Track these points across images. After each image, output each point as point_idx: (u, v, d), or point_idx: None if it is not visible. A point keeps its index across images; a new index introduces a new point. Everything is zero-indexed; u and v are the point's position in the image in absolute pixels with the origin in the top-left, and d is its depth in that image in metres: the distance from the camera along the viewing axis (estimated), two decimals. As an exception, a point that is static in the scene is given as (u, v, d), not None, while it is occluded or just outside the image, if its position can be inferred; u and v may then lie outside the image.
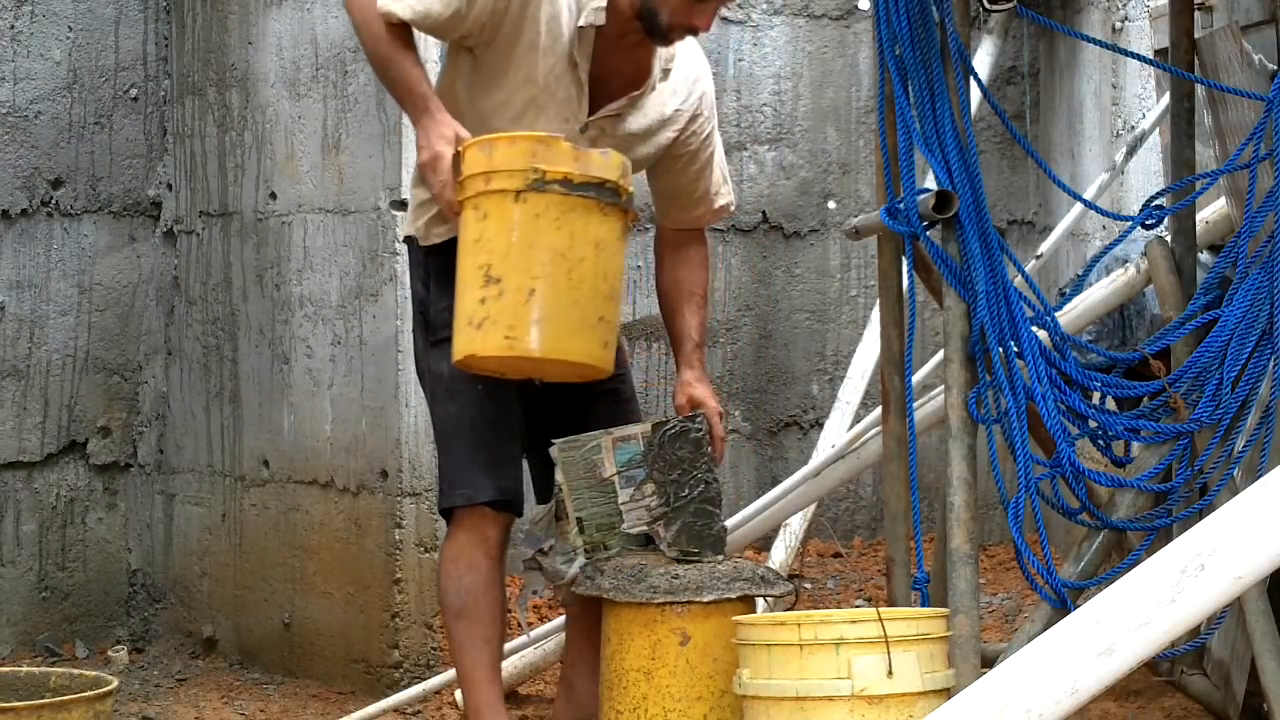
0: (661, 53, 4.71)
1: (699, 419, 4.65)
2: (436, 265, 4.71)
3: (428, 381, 4.78)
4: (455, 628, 4.72)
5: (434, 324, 4.71)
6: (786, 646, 3.94)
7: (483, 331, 4.33)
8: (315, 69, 6.16)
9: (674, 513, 4.58)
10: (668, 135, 4.77)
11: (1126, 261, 5.20)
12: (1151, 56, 5.77)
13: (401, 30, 4.55)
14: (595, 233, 4.36)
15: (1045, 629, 3.77)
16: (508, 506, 4.73)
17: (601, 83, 4.65)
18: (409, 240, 4.78)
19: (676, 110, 4.76)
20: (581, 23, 4.57)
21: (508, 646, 5.54)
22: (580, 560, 4.59)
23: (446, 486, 4.73)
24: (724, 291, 7.30)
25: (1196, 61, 4.70)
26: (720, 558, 4.57)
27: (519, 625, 6.18)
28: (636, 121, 4.72)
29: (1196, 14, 4.88)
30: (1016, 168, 7.71)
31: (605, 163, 4.38)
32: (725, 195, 4.91)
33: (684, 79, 4.77)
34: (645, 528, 4.61)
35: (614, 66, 4.65)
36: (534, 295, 4.30)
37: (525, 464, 4.81)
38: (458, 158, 4.40)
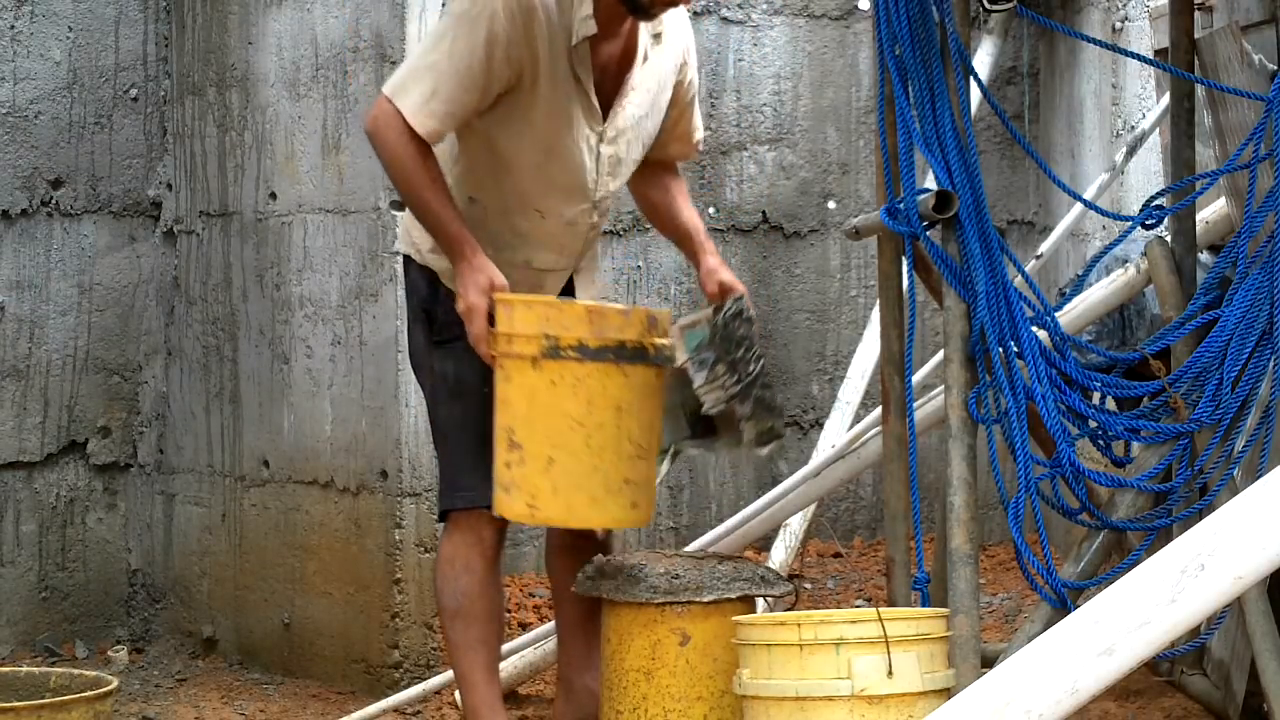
0: (645, 24, 4.74)
1: (741, 298, 4.71)
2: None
3: (429, 380, 4.77)
4: (451, 629, 4.72)
5: (441, 323, 4.70)
6: (786, 646, 3.94)
7: (509, 496, 4.40)
8: (315, 69, 6.16)
9: (746, 388, 4.62)
10: (665, 96, 4.82)
11: (1126, 261, 5.20)
12: (1151, 56, 5.77)
13: (432, 162, 4.54)
14: (615, 395, 4.36)
15: (1045, 629, 3.77)
16: None
17: (600, 73, 4.67)
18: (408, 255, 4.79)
19: (668, 71, 4.81)
20: (575, 40, 4.57)
21: (507, 646, 5.54)
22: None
23: (447, 488, 4.73)
24: (724, 291, 7.29)
25: (1196, 61, 4.70)
26: (785, 430, 4.73)
27: (518, 625, 6.18)
28: (639, 103, 4.75)
29: (1196, 14, 4.88)
30: (1016, 168, 7.71)
31: (624, 322, 4.39)
32: (700, 129, 4.97)
33: (667, 34, 4.80)
34: (724, 407, 4.62)
35: (606, 56, 4.67)
36: (552, 464, 4.35)
37: None
38: (492, 307, 4.43)
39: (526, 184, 4.66)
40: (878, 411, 5.02)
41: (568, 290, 4.80)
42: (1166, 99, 5.25)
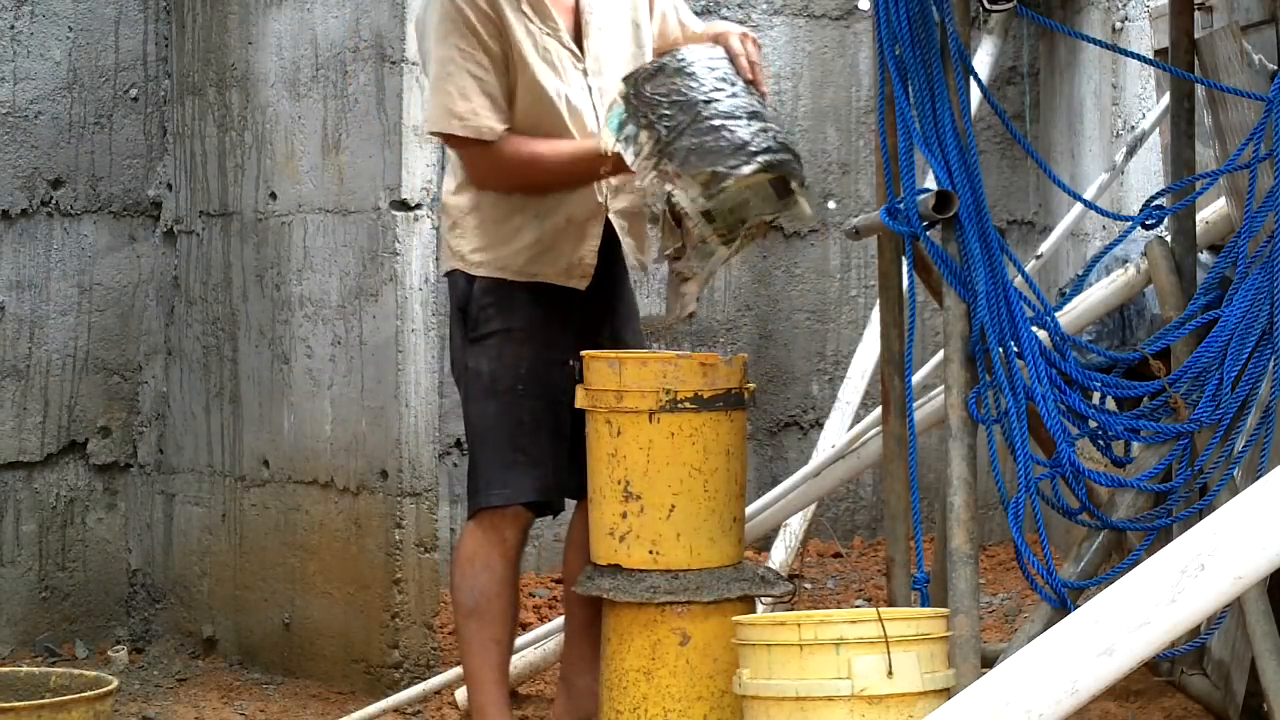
0: None
1: (678, 52, 4.57)
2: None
3: (464, 379, 4.79)
4: (466, 627, 4.73)
5: (475, 320, 4.74)
6: (786, 646, 3.94)
7: (625, 545, 4.52)
8: (315, 69, 6.16)
9: (670, 144, 4.45)
10: (643, 13, 4.86)
11: (1126, 261, 5.20)
12: (1151, 56, 5.77)
13: (525, 143, 4.62)
14: (726, 440, 4.55)
15: (1045, 629, 3.77)
16: (546, 508, 4.75)
17: (562, 12, 4.74)
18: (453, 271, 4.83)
19: None
20: None
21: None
22: (719, 248, 4.55)
23: (483, 485, 4.73)
24: (724, 291, 7.30)
25: (1196, 61, 4.70)
26: (755, 164, 4.43)
27: (518, 626, 6.18)
28: (603, 25, 4.80)
29: (1196, 14, 4.88)
30: (1016, 168, 7.71)
31: (730, 371, 4.55)
32: (693, 21, 5.00)
33: None
34: (654, 174, 4.48)
35: None
36: (674, 511, 4.51)
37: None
38: (581, 364, 4.58)
39: None
40: (878, 411, 5.02)
41: (610, 256, 4.84)
42: (1166, 99, 5.25)
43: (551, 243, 4.72)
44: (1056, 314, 4.50)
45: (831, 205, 7.50)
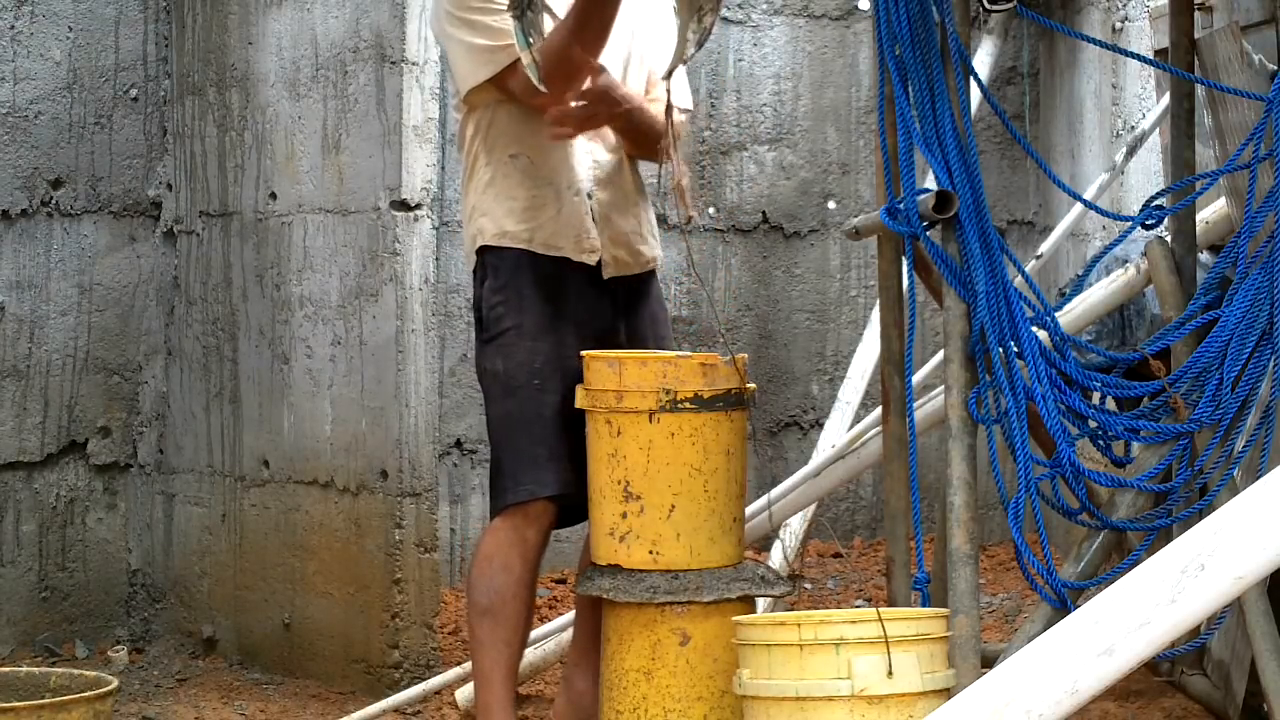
0: None
1: None
2: (492, 260, 4.76)
3: (484, 380, 4.80)
4: (479, 625, 4.73)
5: (486, 321, 4.76)
6: (786, 646, 3.94)
7: (625, 545, 4.52)
8: (315, 69, 6.16)
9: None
10: (663, 21, 4.81)
11: (1126, 261, 5.20)
12: (1151, 56, 5.77)
13: (544, 41, 4.56)
14: (726, 441, 4.54)
15: (1045, 629, 3.77)
16: (570, 511, 4.75)
17: None
18: (479, 252, 4.83)
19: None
20: None
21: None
22: None
23: (509, 484, 4.73)
24: (724, 291, 7.30)
25: (1196, 61, 4.70)
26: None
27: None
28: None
29: (1196, 14, 4.88)
30: (1016, 168, 7.72)
31: (729, 372, 4.55)
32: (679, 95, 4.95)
33: None
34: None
35: None
36: (674, 511, 4.50)
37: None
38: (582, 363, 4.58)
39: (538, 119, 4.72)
40: (878, 411, 5.02)
41: (633, 289, 4.85)
42: (1166, 99, 5.25)
43: (559, 213, 4.73)
44: (1056, 314, 4.50)
45: (831, 205, 7.51)
